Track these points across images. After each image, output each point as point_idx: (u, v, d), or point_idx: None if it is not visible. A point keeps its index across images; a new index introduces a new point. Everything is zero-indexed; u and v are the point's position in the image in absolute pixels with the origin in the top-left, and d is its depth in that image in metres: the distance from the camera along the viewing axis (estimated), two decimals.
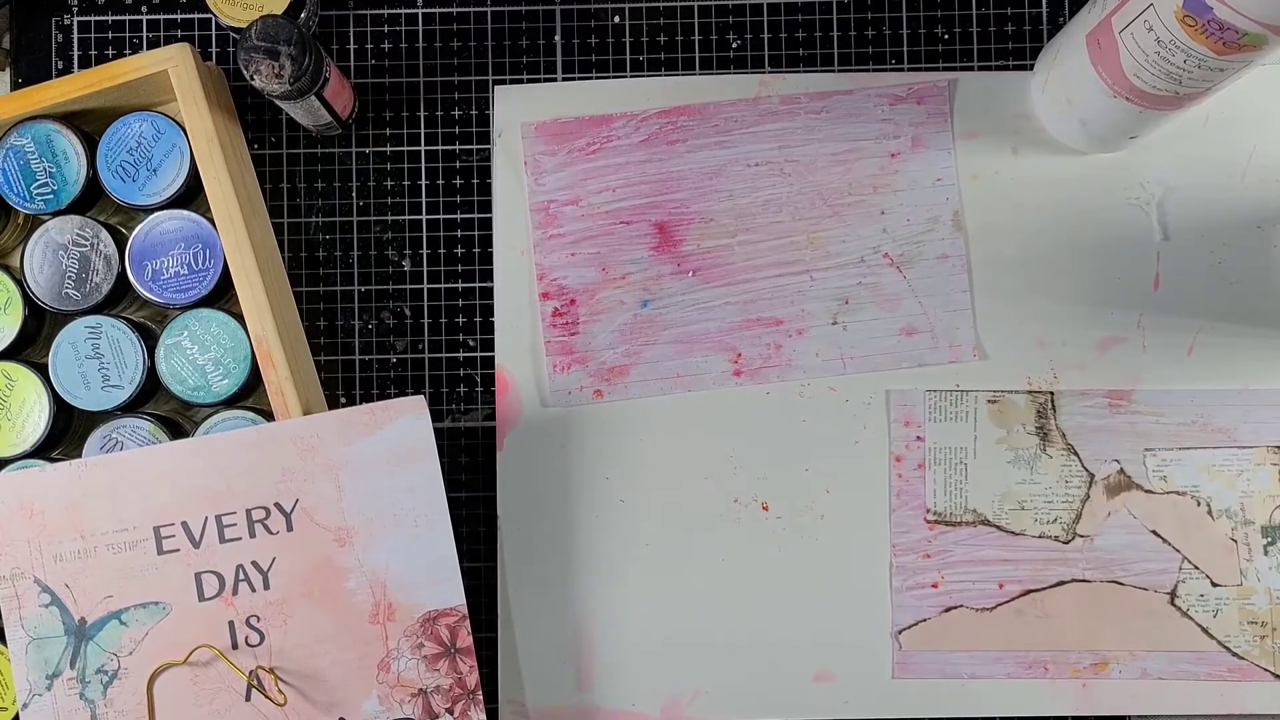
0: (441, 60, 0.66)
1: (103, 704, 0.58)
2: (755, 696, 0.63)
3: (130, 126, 0.61)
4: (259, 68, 0.56)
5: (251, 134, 0.66)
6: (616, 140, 0.64)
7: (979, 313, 0.64)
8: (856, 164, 0.64)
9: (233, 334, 0.60)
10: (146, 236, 0.60)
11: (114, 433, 0.60)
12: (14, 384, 0.60)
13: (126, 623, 0.58)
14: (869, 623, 0.63)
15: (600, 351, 0.64)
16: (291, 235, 0.65)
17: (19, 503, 0.58)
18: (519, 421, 0.64)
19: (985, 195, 0.64)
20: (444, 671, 0.59)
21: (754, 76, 0.65)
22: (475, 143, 0.65)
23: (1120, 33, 0.54)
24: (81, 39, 0.66)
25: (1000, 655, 0.63)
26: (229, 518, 0.58)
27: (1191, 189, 0.64)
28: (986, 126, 0.64)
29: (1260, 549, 0.63)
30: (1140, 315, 0.64)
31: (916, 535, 0.63)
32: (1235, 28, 0.49)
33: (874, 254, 0.64)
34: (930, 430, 0.63)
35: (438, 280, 0.65)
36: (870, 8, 0.65)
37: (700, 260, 0.64)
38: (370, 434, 0.58)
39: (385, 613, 0.58)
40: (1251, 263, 0.64)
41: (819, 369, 0.64)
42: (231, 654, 0.58)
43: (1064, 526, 0.63)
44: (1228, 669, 0.62)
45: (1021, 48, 0.65)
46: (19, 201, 0.61)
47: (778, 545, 0.63)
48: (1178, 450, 0.63)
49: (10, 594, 0.58)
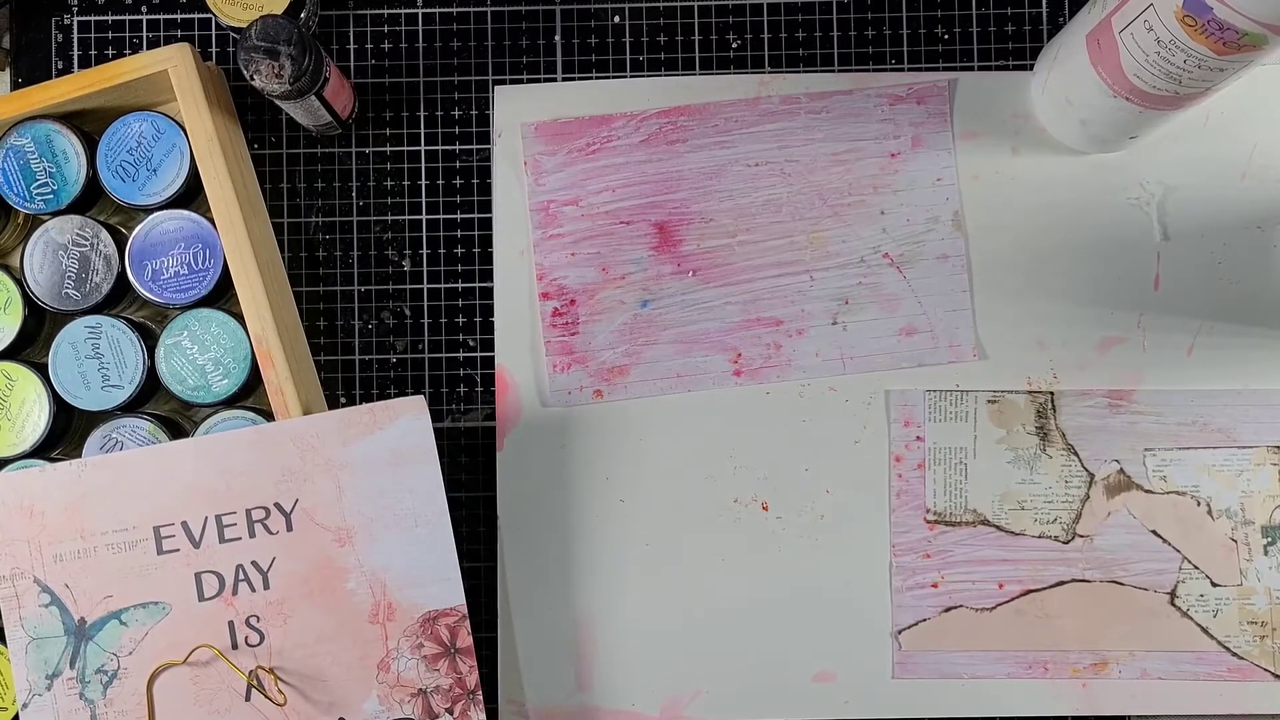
0: (441, 60, 0.66)
1: (103, 704, 0.58)
2: (755, 696, 0.63)
3: (130, 126, 0.61)
4: (259, 68, 0.56)
5: (251, 134, 0.66)
6: (616, 140, 0.64)
7: (979, 313, 0.64)
8: (856, 164, 0.64)
9: (233, 334, 0.60)
10: (146, 236, 0.60)
11: (114, 433, 0.60)
12: (14, 384, 0.60)
13: (126, 623, 0.58)
14: (869, 623, 0.63)
15: (600, 351, 0.64)
16: (291, 235, 0.65)
17: (19, 503, 0.58)
18: (519, 421, 0.64)
19: (985, 195, 0.64)
20: (444, 671, 0.59)
21: (754, 76, 0.65)
22: (475, 143, 0.65)
23: (1120, 33, 0.54)
24: (81, 39, 0.66)
25: (1000, 655, 0.63)
26: (229, 518, 0.58)
27: (1191, 189, 0.64)
28: (986, 126, 0.64)
29: (1260, 549, 0.63)
30: (1140, 315, 0.64)
31: (916, 535, 0.63)
32: (1235, 28, 0.49)
33: (874, 254, 0.64)
34: (930, 430, 0.63)
35: (438, 280, 0.65)
36: (870, 8, 0.65)
37: (700, 260, 0.64)
38: (370, 434, 0.58)
39: (385, 613, 0.58)
40: (1251, 263, 0.64)
41: (819, 369, 0.64)
42: (231, 654, 0.58)
43: (1064, 526, 0.63)
44: (1228, 669, 0.62)
45: (1021, 48, 0.65)
46: (19, 201, 0.61)
47: (778, 545, 0.63)
48: (1178, 450, 0.63)
49: (10, 594, 0.58)
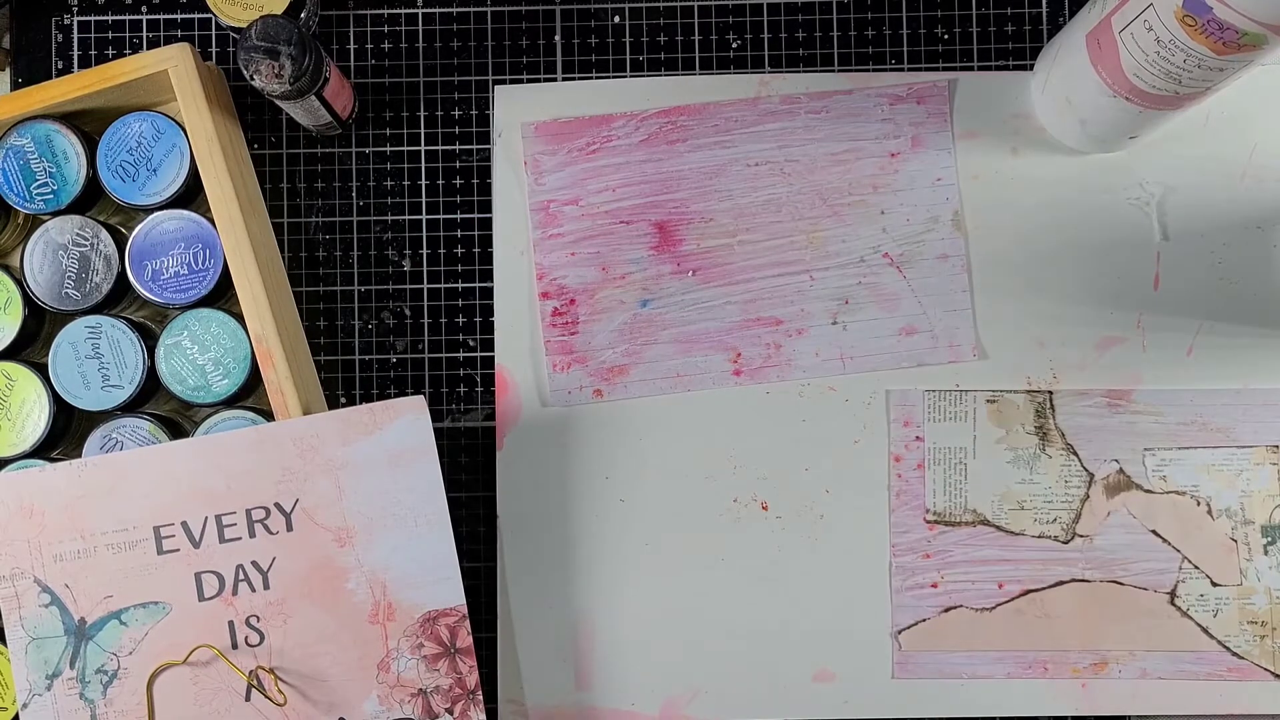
0: (441, 60, 0.66)
1: (102, 704, 0.58)
2: (755, 696, 0.63)
3: (130, 126, 0.61)
4: (259, 68, 0.56)
5: (251, 134, 0.66)
6: (616, 140, 0.64)
7: (979, 313, 0.64)
8: (856, 164, 0.64)
9: (233, 334, 0.60)
10: (146, 236, 0.60)
11: (114, 433, 0.60)
12: (14, 384, 0.60)
13: (126, 623, 0.58)
14: (869, 623, 0.63)
15: (600, 351, 0.64)
16: (291, 235, 0.65)
17: (19, 503, 0.58)
18: (519, 421, 0.64)
19: (985, 195, 0.64)
20: (444, 671, 0.59)
21: (754, 76, 0.65)
22: (475, 143, 0.65)
23: (1120, 33, 0.54)
24: (81, 39, 0.66)
25: (1000, 655, 0.63)
26: (229, 518, 0.58)
27: (1191, 189, 0.64)
28: (986, 126, 0.64)
29: (1260, 549, 0.63)
30: (1140, 315, 0.64)
31: (916, 535, 0.63)
32: (1235, 27, 0.49)
33: (874, 254, 0.64)
34: (930, 430, 0.63)
35: (438, 280, 0.65)
36: (870, 8, 0.65)
37: (700, 260, 0.64)
38: (370, 434, 0.58)
39: (385, 613, 0.58)
40: (1251, 263, 0.64)
41: (819, 369, 0.64)
42: (231, 654, 0.58)
43: (1063, 526, 0.63)
44: (1228, 669, 0.62)
45: (1021, 48, 0.65)
46: (19, 201, 0.61)
47: (777, 545, 0.63)
48: (1177, 450, 0.63)
49: (10, 594, 0.58)
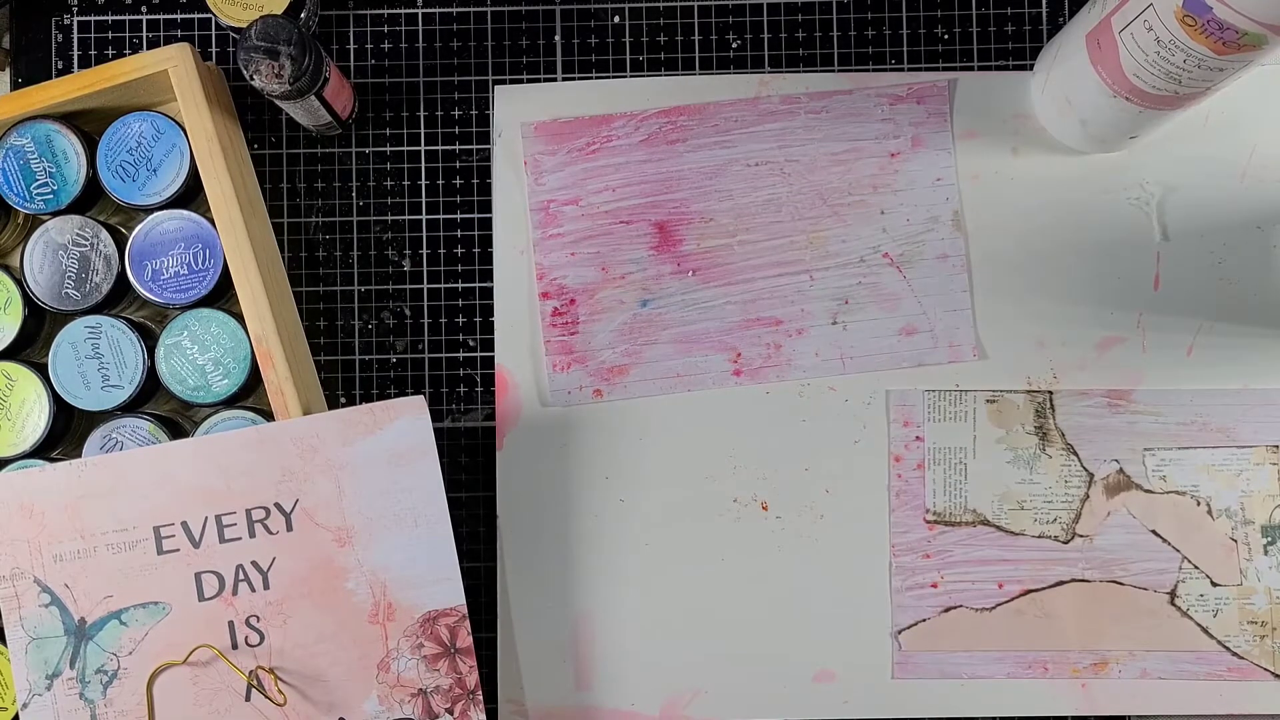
0: (441, 60, 0.66)
1: (102, 704, 0.58)
2: (755, 696, 0.63)
3: (130, 126, 0.61)
4: (259, 68, 0.56)
5: (251, 134, 0.66)
6: (616, 140, 0.64)
7: (979, 313, 0.64)
8: (856, 164, 0.64)
9: (233, 334, 0.60)
10: (146, 236, 0.60)
11: (114, 433, 0.60)
12: (14, 384, 0.60)
13: (126, 623, 0.58)
14: (869, 623, 0.63)
15: (600, 351, 0.64)
16: (291, 235, 0.65)
17: (19, 503, 0.58)
18: (519, 421, 0.64)
19: (985, 195, 0.64)
20: (444, 671, 0.59)
21: (754, 76, 0.65)
22: (475, 143, 0.65)
23: (1120, 33, 0.54)
24: (81, 39, 0.66)
25: (1000, 655, 0.63)
26: (229, 518, 0.58)
27: (1191, 189, 0.64)
28: (986, 126, 0.64)
29: (1260, 549, 0.63)
30: (1140, 315, 0.64)
31: (916, 535, 0.63)
32: (1235, 27, 0.49)
33: (874, 254, 0.64)
34: (929, 430, 0.63)
35: (438, 280, 0.65)
36: (870, 8, 0.65)
37: (700, 260, 0.64)
38: (370, 434, 0.58)
39: (385, 613, 0.58)
40: (1251, 263, 0.64)
41: (819, 369, 0.64)
42: (231, 654, 0.58)
43: (1063, 526, 0.63)
44: (1228, 669, 0.62)
45: (1021, 48, 0.65)
46: (19, 201, 0.61)
47: (777, 545, 0.63)
48: (1177, 450, 0.63)
49: (10, 594, 0.58)
